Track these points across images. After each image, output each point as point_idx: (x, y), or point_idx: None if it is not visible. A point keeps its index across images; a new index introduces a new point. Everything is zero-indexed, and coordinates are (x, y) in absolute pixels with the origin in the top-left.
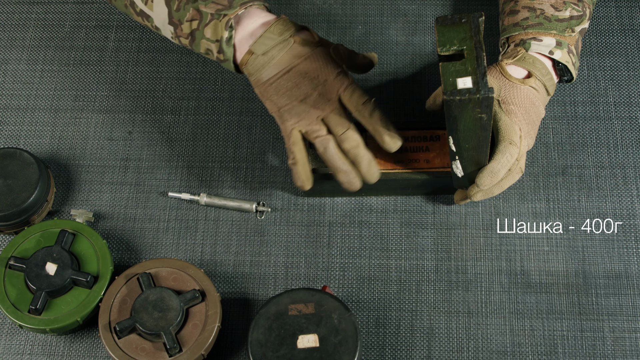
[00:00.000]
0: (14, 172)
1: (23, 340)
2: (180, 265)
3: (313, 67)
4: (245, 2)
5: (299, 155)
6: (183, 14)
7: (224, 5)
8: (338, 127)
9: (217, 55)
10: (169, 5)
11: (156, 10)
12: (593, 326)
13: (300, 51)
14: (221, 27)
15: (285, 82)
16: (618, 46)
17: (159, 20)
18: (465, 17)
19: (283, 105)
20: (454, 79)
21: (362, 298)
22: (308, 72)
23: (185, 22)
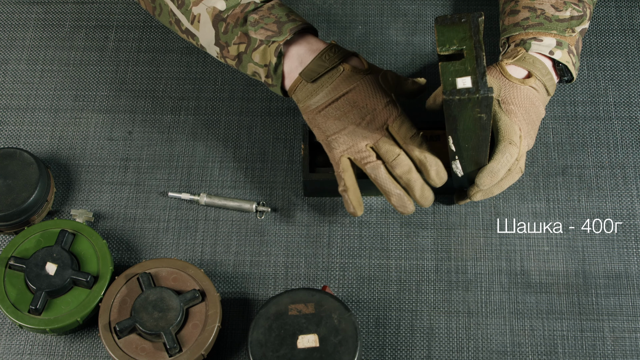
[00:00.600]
0: (14, 172)
1: (23, 340)
2: (180, 265)
3: (362, 95)
4: (294, 28)
5: (349, 182)
6: (231, 37)
7: (274, 31)
8: (388, 153)
9: (265, 79)
10: (217, 27)
11: (202, 31)
12: (593, 326)
13: (349, 79)
14: (270, 53)
15: (334, 110)
16: (618, 46)
17: (205, 40)
18: (465, 17)
19: (331, 133)
20: (454, 79)
21: (362, 298)
22: (357, 101)
23: (233, 45)
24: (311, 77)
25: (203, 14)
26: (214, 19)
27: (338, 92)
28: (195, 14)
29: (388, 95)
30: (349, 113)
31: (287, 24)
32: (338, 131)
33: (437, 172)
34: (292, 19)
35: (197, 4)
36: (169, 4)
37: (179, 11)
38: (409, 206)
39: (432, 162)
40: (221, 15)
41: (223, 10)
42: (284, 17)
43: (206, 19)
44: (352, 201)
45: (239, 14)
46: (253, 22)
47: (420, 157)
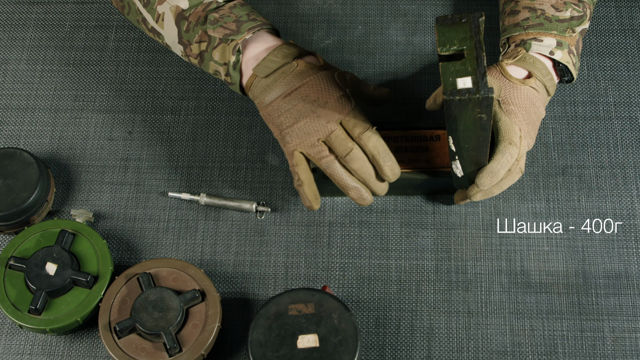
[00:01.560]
0: (14, 172)
1: (23, 340)
2: (180, 265)
3: (314, 90)
4: (253, 27)
5: (304, 176)
6: (192, 35)
7: (232, 30)
8: (341, 147)
9: (225, 77)
10: (179, 26)
11: (166, 29)
12: (593, 326)
13: (302, 74)
14: (229, 51)
15: (286, 104)
16: (618, 46)
17: (169, 38)
18: (466, 17)
19: (284, 128)
20: (454, 79)
21: (362, 298)
22: (308, 94)
23: (195, 43)
24: (264, 72)
25: (167, 12)
26: (176, 17)
27: (290, 86)
28: (159, 12)
29: (342, 89)
30: (300, 106)
31: (247, 23)
32: (290, 125)
33: (391, 168)
34: (252, 18)
35: (162, 3)
36: (136, 3)
37: (145, 10)
38: (368, 198)
39: (386, 157)
40: (184, 13)
41: (185, 9)
42: (244, 16)
43: (169, 17)
44: (307, 195)
45: (200, 12)
46: (213, 21)
47: (374, 152)
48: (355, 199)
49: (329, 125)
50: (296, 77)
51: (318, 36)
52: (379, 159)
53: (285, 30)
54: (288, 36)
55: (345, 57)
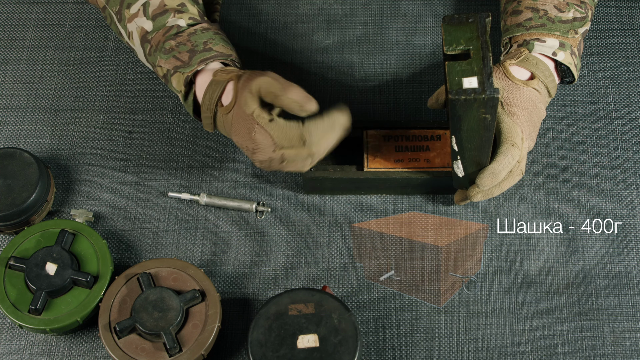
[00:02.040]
0: (14, 172)
1: (23, 340)
2: (180, 265)
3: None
4: (205, 59)
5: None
6: (154, 59)
7: (183, 61)
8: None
9: (183, 103)
10: (143, 47)
11: (136, 47)
12: (593, 326)
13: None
14: (181, 81)
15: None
16: (618, 46)
17: (139, 56)
18: (472, 17)
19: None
20: (460, 79)
21: (362, 298)
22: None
23: (157, 67)
24: (209, 128)
25: (134, 32)
26: (141, 39)
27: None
28: (129, 30)
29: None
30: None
31: (200, 53)
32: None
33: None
34: (208, 47)
35: (131, 21)
36: (113, 17)
37: (119, 25)
38: None
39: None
40: (147, 36)
41: (149, 32)
42: (200, 45)
43: (136, 37)
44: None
45: (160, 37)
46: (167, 50)
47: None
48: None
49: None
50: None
51: (318, 36)
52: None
53: (285, 30)
54: (288, 36)
55: (345, 57)
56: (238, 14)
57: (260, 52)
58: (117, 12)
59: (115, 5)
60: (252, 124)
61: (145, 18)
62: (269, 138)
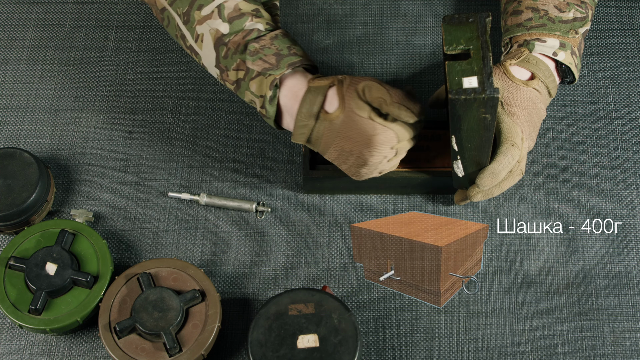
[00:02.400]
0: (14, 172)
1: (23, 340)
2: (180, 265)
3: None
4: (293, 63)
5: None
6: (230, 62)
7: (272, 64)
8: None
9: (260, 109)
10: (217, 50)
11: (204, 51)
12: (593, 326)
13: (331, 129)
14: (266, 85)
15: (339, 159)
16: (618, 46)
17: (206, 60)
18: (473, 17)
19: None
20: (460, 78)
21: (362, 298)
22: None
23: (232, 70)
24: (302, 140)
25: (206, 34)
26: (215, 41)
27: (330, 146)
28: (199, 32)
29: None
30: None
31: (287, 57)
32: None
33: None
34: (293, 52)
35: (202, 23)
36: (175, 18)
37: (185, 27)
38: None
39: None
40: (223, 39)
41: (225, 34)
42: (285, 49)
43: (208, 40)
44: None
45: (240, 40)
46: (252, 52)
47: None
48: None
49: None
50: (329, 136)
51: (318, 36)
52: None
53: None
54: None
55: (345, 57)
56: None
57: None
58: (185, 13)
59: (182, 6)
60: (373, 125)
61: (221, 20)
62: (392, 134)
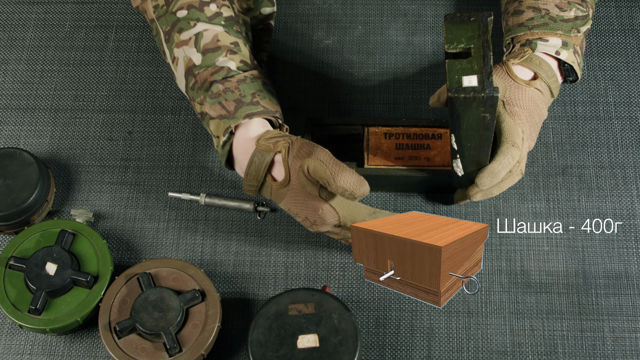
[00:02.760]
0: (14, 172)
1: (23, 340)
2: (180, 265)
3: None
4: (250, 114)
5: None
6: (196, 95)
7: (229, 111)
8: None
9: (216, 147)
10: (187, 79)
11: (178, 74)
12: (593, 326)
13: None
14: (221, 129)
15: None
16: (618, 46)
17: (179, 83)
18: (474, 16)
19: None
20: (460, 77)
21: (362, 298)
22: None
23: (197, 103)
24: (252, 193)
25: (180, 60)
26: (187, 70)
27: (279, 202)
28: (175, 55)
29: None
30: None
31: (247, 106)
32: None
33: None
34: (255, 101)
35: (179, 47)
36: (160, 33)
37: (165, 45)
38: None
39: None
40: (193, 70)
41: (196, 66)
42: (248, 96)
43: (181, 66)
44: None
45: (207, 76)
46: (214, 94)
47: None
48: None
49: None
50: (277, 198)
51: (318, 36)
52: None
53: (285, 30)
54: (288, 36)
55: (345, 57)
56: None
57: None
58: (167, 32)
59: (165, 25)
60: (320, 203)
61: (195, 49)
62: (336, 216)
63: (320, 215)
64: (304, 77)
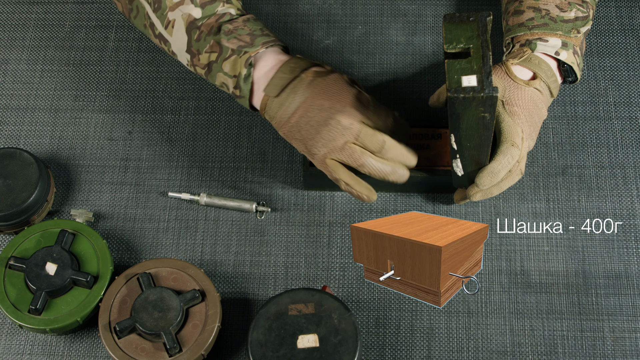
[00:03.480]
0: (14, 172)
1: (23, 340)
2: (180, 265)
3: (327, 97)
4: (267, 42)
5: (347, 178)
6: (203, 45)
7: (246, 42)
8: (373, 144)
9: (233, 90)
10: (189, 34)
11: (175, 37)
12: (593, 326)
13: (312, 84)
14: (240, 64)
15: (304, 119)
16: (618, 46)
17: (176, 46)
18: (473, 16)
19: (308, 141)
20: (459, 77)
21: (362, 298)
22: (323, 103)
23: (204, 53)
24: (275, 91)
25: (178, 19)
26: (188, 25)
27: (303, 99)
28: (170, 19)
29: (354, 88)
30: (319, 118)
31: (260, 37)
32: (313, 137)
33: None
34: (265, 33)
35: (174, 10)
36: (145, 7)
37: (155, 15)
38: (405, 174)
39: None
40: (196, 23)
41: (198, 18)
42: (257, 30)
43: (180, 25)
44: (361, 192)
45: (213, 23)
46: (227, 32)
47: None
48: (395, 180)
49: (353, 128)
50: (307, 89)
51: (318, 36)
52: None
53: (285, 30)
54: (288, 36)
55: (345, 57)
56: None
57: None
58: (156, 0)
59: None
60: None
61: (193, 5)
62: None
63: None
64: None
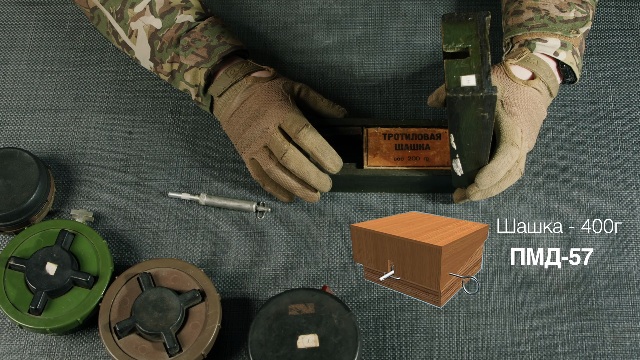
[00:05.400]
0: (14, 172)
1: (23, 340)
2: (180, 265)
3: (257, 100)
4: (224, 52)
5: (264, 179)
6: (165, 55)
7: (204, 57)
8: (276, 151)
9: (195, 98)
10: (152, 45)
11: (139, 46)
12: (593, 326)
13: (250, 88)
14: (200, 75)
15: (237, 118)
16: (618, 46)
17: (140, 54)
18: (472, 16)
19: (236, 139)
20: (458, 77)
21: (362, 298)
22: (252, 105)
23: (167, 63)
24: (217, 92)
25: (140, 30)
26: (150, 36)
27: (241, 100)
28: (132, 29)
29: (283, 95)
30: (246, 118)
31: (217, 48)
32: (239, 136)
33: (332, 160)
34: (222, 42)
35: (135, 20)
36: (107, 16)
37: (117, 24)
38: (313, 195)
39: (324, 151)
40: (157, 34)
41: (159, 29)
42: (214, 40)
43: (143, 35)
44: (278, 194)
45: (172, 34)
46: (185, 47)
47: (312, 148)
48: (303, 198)
49: (267, 131)
50: (245, 92)
51: (318, 36)
52: (317, 154)
53: (285, 30)
54: (288, 36)
55: (345, 57)
56: (238, 14)
57: (261, 51)
58: (118, 11)
59: (115, 5)
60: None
61: (153, 16)
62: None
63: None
64: (303, 77)
